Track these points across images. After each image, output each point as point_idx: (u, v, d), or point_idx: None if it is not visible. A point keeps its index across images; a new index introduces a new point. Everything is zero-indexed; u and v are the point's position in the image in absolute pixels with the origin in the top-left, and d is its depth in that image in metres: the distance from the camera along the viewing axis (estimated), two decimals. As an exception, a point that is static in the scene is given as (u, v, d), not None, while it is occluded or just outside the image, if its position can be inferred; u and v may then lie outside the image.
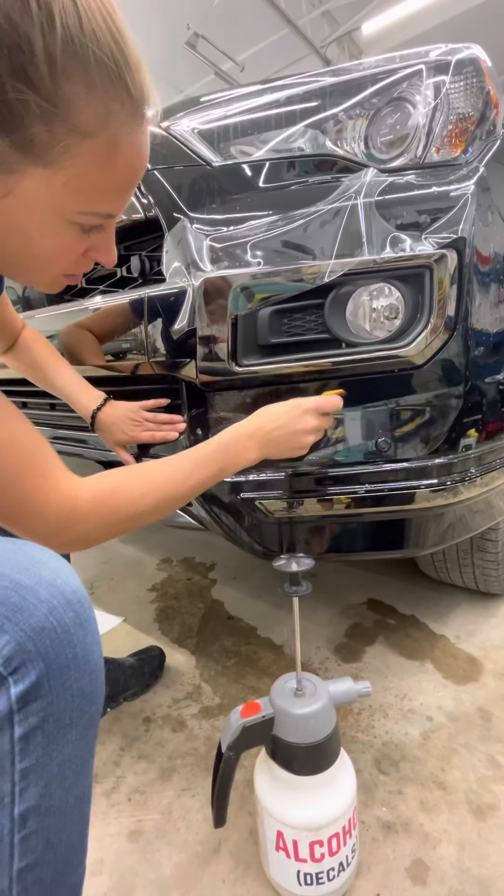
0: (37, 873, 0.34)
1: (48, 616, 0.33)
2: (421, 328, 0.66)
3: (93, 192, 0.38)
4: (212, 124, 0.81)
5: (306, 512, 0.72)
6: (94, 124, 0.35)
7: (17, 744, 0.32)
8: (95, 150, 0.36)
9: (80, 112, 0.34)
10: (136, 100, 0.37)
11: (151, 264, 0.83)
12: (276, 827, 0.58)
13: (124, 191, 0.41)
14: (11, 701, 0.31)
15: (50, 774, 0.33)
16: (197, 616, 1.27)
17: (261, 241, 0.68)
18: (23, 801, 0.33)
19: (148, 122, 0.39)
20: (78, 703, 0.34)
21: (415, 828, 0.70)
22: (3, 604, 0.32)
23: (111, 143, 0.37)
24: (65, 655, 0.33)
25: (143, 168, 0.41)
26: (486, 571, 1.08)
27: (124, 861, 0.69)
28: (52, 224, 0.39)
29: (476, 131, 0.73)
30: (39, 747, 0.33)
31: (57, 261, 0.42)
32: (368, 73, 0.76)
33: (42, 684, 0.32)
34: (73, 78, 0.33)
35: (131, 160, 0.39)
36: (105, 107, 0.35)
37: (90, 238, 0.42)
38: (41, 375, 0.81)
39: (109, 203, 0.40)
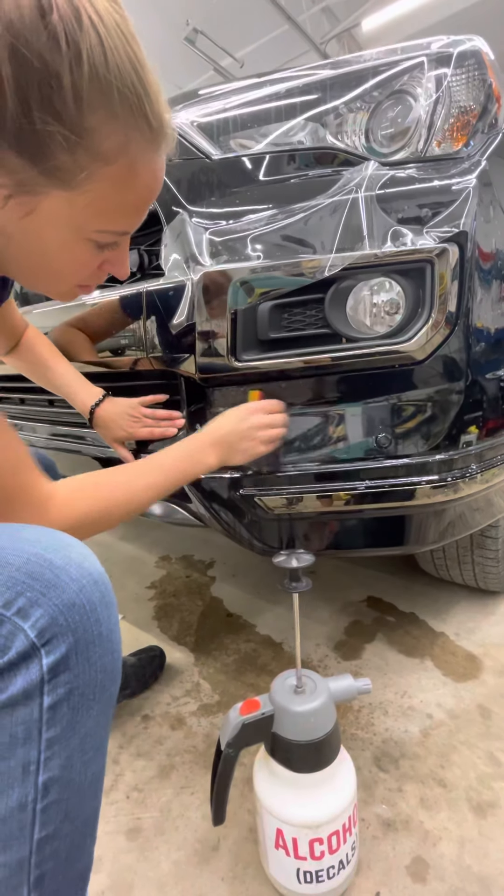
0: (54, 845, 0.36)
1: (78, 594, 0.35)
2: (422, 323, 0.66)
3: (111, 212, 0.41)
4: (211, 117, 0.80)
5: (306, 508, 0.71)
6: (115, 152, 0.37)
7: (46, 713, 0.33)
8: (115, 175, 0.38)
9: (103, 141, 0.36)
10: (155, 128, 0.39)
11: (150, 258, 0.82)
12: (276, 825, 0.58)
13: (140, 210, 0.43)
14: (43, 671, 0.33)
15: (72, 747, 0.35)
16: (196, 613, 1.27)
17: (260, 234, 0.68)
18: (47, 770, 0.34)
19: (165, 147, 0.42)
20: (100, 679, 0.36)
21: (415, 825, 0.70)
22: (38, 580, 0.34)
23: (130, 168, 0.39)
24: (91, 632, 0.35)
25: (159, 189, 0.43)
26: (485, 569, 1.08)
27: (123, 859, 0.69)
28: (71, 241, 0.41)
29: (478, 125, 0.73)
30: (65, 718, 0.34)
31: (73, 275, 0.45)
32: (369, 65, 0.75)
33: (70, 657, 0.34)
34: (97, 110, 0.35)
35: (148, 182, 0.41)
36: (126, 136, 0.37)
37: (104, 253, 0.44)
38: (40, 373, 0.81)
39: (126, 222, 0.43)
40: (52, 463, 0.85)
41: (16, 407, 1.22)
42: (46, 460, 0.85)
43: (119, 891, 0.65)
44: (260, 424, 0.64)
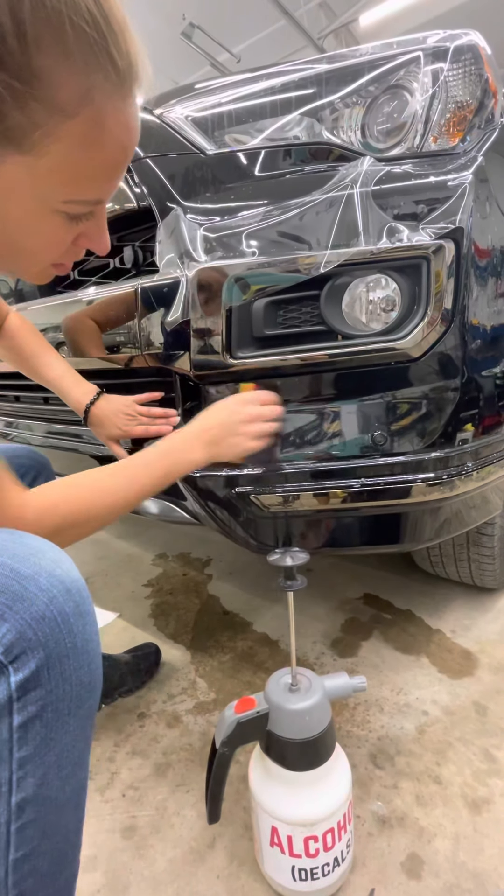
0: (32, 863, 0.34)
1: (48, 605, 0.32)
2: (418, 320, 0.65)
3: (80, 178, 0.35)
4: (206, 112, 0.79)
5: (302, 506, 0.71)
6: (74, 102, 0.31)
7: (16, 732, 0.32)
8: (79, 131, 0.32)
9: (58, 89, 0.30)
10: (122, 69, 0.32)
11: (144, 255, 0.82)
12: (271, 822, 0.58)
13: (113, 173, 0.37)
14: (11, 689, 0.31)
15: (48, 764, 0.33)
16: (192, 611, 1.27)
17: (256, 230, 0.67)
18: (20, 790, 0.32)
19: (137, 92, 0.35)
20: (76, 692, 0.34)
21: (410, 822, 0.70)
22: (4, 592, 0.31)
23: (96, 122, 0.33)
24: (64, 645, 0.33)
25: (134, 146, 0.37)
26: (481, 566, 1.08)
27: (118, 857, 0.69)
28: (37, 215, 0.36)
29: (474, 120, 0.72)
30: (38, 736, 0.32)
31: (45, 252, 0.40)
32: (365, 59, 0.74)
33: (42, 673, 0.32)
34: (46, 49, 0.29)
35: (120, 139, 0.35)
36: (87, 80, 0.31)
37: (79, 226, 0.39)
38: (30, 366, 0.79)
39: (99, 188, 0.37)
40: (46, 461, 0.85)
41: (11, 405, 1.22)
42: (41, 459, 0.84)
43: (114, 889, 0.65)
44: (250, 417, 0.60)
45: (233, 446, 0.60)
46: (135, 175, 0.77)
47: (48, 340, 0.87)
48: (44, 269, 0.42)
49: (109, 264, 0.88)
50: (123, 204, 0.80)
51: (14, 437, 1.21)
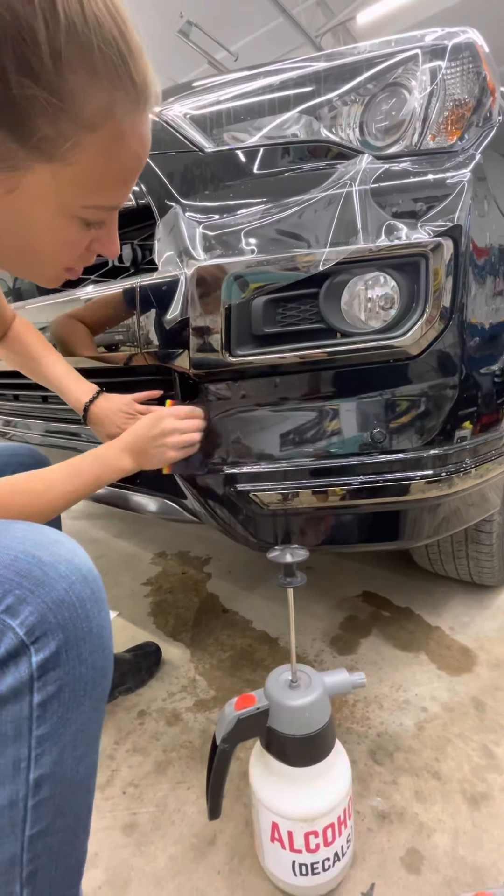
0: (47, 841, 0.36)
1: (67, 591, 0.35)
2: (416, 318, 0.66)
3: (99, 185, 0.38)
4: (204, 110, 0.79)
5: (301, 504, 0.71)
6: (99, 116, 0.34)
7: (36, 710, 0.33)
8: (101, 143, 0.35)
9: (86, 105, 0.33)
10: (140, 87, 0.36)
11: (143, 253, 0.82)
12: (271, 818, 0.58)
13: (128, 180, 0.40)
14: (32, 668, 0.33)
15: (64, 743, 0.35)
16: (192, 610, 1.27)
17: (254, 228, 0.67)
18: (38, 767, 0.34)
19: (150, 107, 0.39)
20: (91, 675, 0.36)
21: (409, 817, 0.71)
22: (27, 577, 0.33)
23: (116, 134, 0.36)
24: (81, 629, 0.35)
25: (146, 156, 0.40)
26: (480, 563, 1.09)
27: (119, 854, 0.69)
28: (57, 220, 0.38)
29: (472, 118, 0.72)
30: (55, 715, 0.34)
31: (61, 256, 0.42)
32: (363, 57, 0.74)
33: (60, 654, 0.34)
34: (77, 70, 0.32)
35: (136, 149, 0.38)
36: (110, 97, 0.34)
37: (92, 231, 0.42)
38: (32, 366, 0.80)
39: (114, 195, 0.40)
40: (46, 460, 0.85)
41: (10, 404, 1.22)
42: (41, 457, 0.84)
43: (115, 886, 0.65)
44: (169, 429, 0.66)
45: (154, 456, 0.66)
46: (133, 173, 0.77)
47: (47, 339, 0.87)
48: (57, 273, 0.45)
49: (108, 263, 0.88)
50: (122, 202, 0.80)
51: (13, 436, 1.21)
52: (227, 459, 0.73)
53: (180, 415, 0.68)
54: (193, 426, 0.69)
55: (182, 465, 0.73)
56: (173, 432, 0.66)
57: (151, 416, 0.67)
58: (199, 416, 0.71)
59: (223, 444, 0.73)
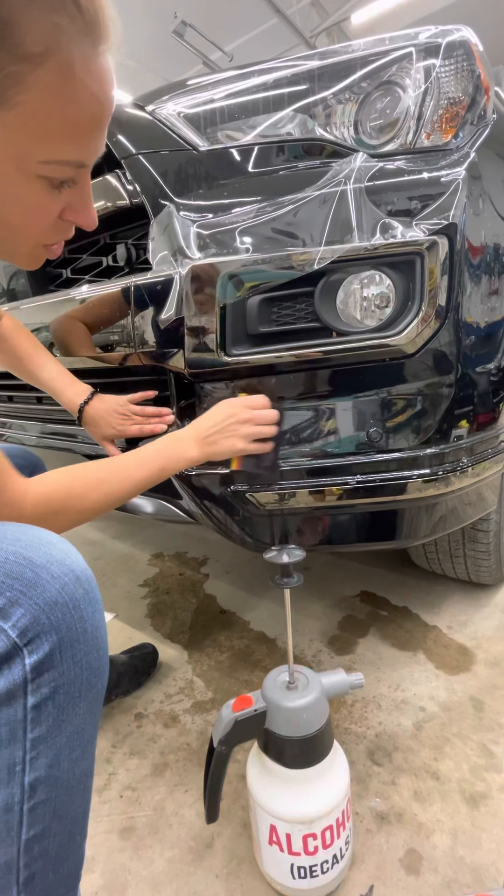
0: (43, 845, 0.35)
1: (60, 592, 0.34)
2: (412, 316, 0.65)
3: (55, 132, 0.34)
4: (198, 108, 0.79)
5: (298, 504, 0.71)
6: (41, 45, 0.30)
7: (30, 713, 0.33)
8: (48, 79, 0.31)
9: (23, 32, 0.30)
10: (88, 13, 0.32)
11: (138, 252, 0.81)
12: (269, 821, 0.58)
13: (91, 130, 0.36)
14: (26, 670, 0.32)
15: (59, 745, 0.35)
16: (189, 611, 1.26)
17: (249, 227, 0.67)
18: (33, 770, 0.34)
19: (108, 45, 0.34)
20: (86, 676, 0.35)
21: (408, 818, 0.70)
22: (19, 579, 0.33)
23: (65, 69, 0.32)
24: (75, 629, 0.34)
25: (109, 101, 0.36)
26: (477, 562, 1.09)
27: (116, 858, 0.69)
28: (17, 180, 0.35)
29: (467, 116, 0.72)
30: (50, 717, 0.34)
31: (31, 226, 0.38)
32: (357, 55, 0.74)
33: (54, 656, 0.33)
34: None
35: (92, 89, 0.34)
36: (51, 22, 0.30)
37: (63, 195, 0.38)
38: (23, 367, 0.79)
39: (77, 146, 0.36)
40: (39, 461, 0.84)
41: (4, 405, 1.21)
42: (34, 459, 0.83)
43: (113, 890, 0.65)
44: (242, 419, 0.62)
45: (224, 446, 0.62)
46: (127, 172, 0.76)
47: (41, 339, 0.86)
48: (34, 250, 0.42)
49: (102, 262, 0.88)
50: (116, 201, 0.79)
51: (8, 437, 1.20)
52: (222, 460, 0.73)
53: (255, 405, 0.64)
54: (268, 418, 0.64)
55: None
56: (247, 422, 0.62)
57: (224, 403, 0.63)
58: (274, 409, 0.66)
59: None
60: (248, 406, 0.64)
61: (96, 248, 0.90)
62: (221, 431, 0.61)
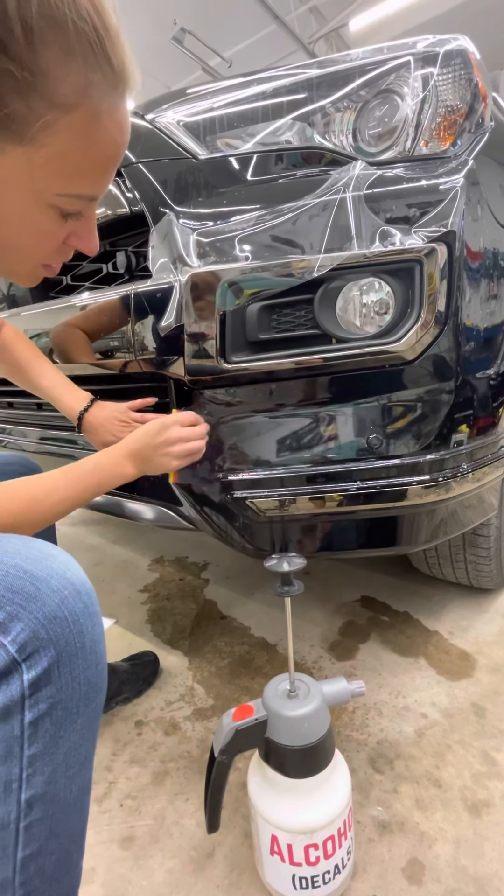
0: (39, 863, 0.35)
1: (60, 606, 0.34)
2: (411, 323, 0.66)
3: (75, 171, 0.37)
4: (197, 117, 0.79)
5: (298, 510, 0.71)
6: (74, 96, 0.33)
7: (27, 729, 0.33)
8: (76, 126, 0.34)
9: (60, 83, 0.32)
10: (117, 69, 0.35)
11: (138, 260, 0.82)
12: (271, 831, 0.57)
13: (106, 170, 0.39)
14: (24, 686, 0.32)
15: (56, 762, 0.34)
16: (189, 617, 1.26)
17: (248, 235, 0.67)
18: (30, 787, 0.33)
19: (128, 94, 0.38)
20: (84, 691, 0.35)
21: (410, 827, 0.70)
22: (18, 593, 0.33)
23: (92, 117, 0.35)
24: (74, 644, 0.34)
25: (125, 146, 0.39)
26: (478, 567, 1.08)
27: (116, 869, 0.68)
28: (31, 208, 0.37)
29: (465, 124, 0.73)
30: (47, 734, 0.33)
31: (37, 250, 0.41)
32: (355, 64, 0.74)
33: (52, 671, 0.33)
34: (50, 45, 0.31)
35: (114, 135, 0.37)
36: (85, 77, 0.33)
37: (69, 224, 0.40)
38: (23, 376, 0.79)
39: (92, 184, 0.39)
40: (37, 468, 0.84)
41: (4, 411, 1.21)
42: (32, 466, 0.83)
43: (113, 901, 0.64)
44: (172, 439, 0.63)
45: (159, 465, 0.64)
46: (127, 180, 0.76)
47: (41, 346, 0.86)
48: (34, 270, 0.43)
49: (102, 269, 0.88)
50: (116, 209, 0.80)
51: (8, 444, 1.20)
52: (222, 466, 0.73)
53: (185, 422, 0.66)
54: (198, 433, 0.67)
55: (189, 474, 0.71)
56: (178, 441, 0.64)
57: (156, 423, 0.64)
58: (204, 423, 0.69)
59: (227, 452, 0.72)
60: (178, 423, 0.65)
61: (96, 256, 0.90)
62: (153, 450, 0.63)
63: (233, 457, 0.72)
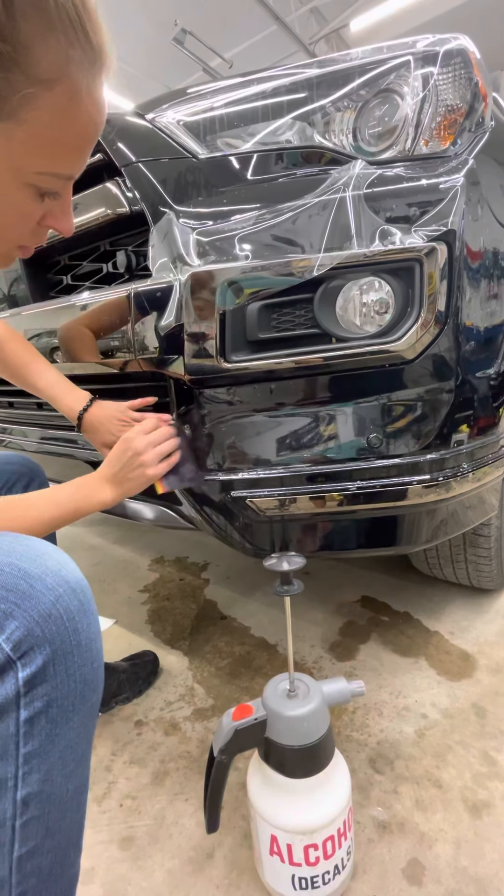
0: (36, 862, 0.35)
1: (55, 603, 0.34)
2: (411, 322, 0.65)
3: (53, 149, 0.36)
4: (198, 116, 0.79)
5: (298, 510, 0.71)
6: (54, 72, 0.33)
7: (23, 727, 0.33)
8: (55, 102, 0.34)
9: (41, 58, 0.32)
10: (96, 46, 0.35)
11: (137, 259, 0.82)
12: (270, 831, 0.57)
13: (84, 148, 0.39)
14: (19, 684, 0.32)
15: (52, 760, 0.34)
16: (189, 617, 1.26)
17: (248, 234, 0.67)
18: (25, 785, 0.33)
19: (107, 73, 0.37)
20: (80, 689, 0.35)
21: (410, 827, 0.70)
22: (13, 591, 0.33)
23: (71, 94, 0.35)
24: (69, 642, 0.34)
25: (102, 124, 0.39)
26: (479, 567, 1.08)
27: (116, 869, 0.68)
28: (10, 187, 0.37)
29: (465, 123, 0.73)
30: (43, 732, 0.33)
31: (13, 230, 0.40)
32: (355, 64, 0.74)
33: (48, 669, 0.33)
34: (31, 18, 0.31)
35: (91, 113, 0.37)
36: (65, 53, 0.33)
37: (45, 203, 0.40)
38: (20, 375, 0.79)
39: (70, 162, 0.38)
40: (38, 468, 0.84)
41: (5, 411, 1.21)
42: (33, 466, 0.83)
43: (112, 901, 0.64)
44: (140, 448, 0.62)
45: (136, 479, 0.62)
46: (127, 179, 0.76)
47: (41, 346, 0.86)
48: (9, 251, 0.43)
49: (103, 269, 0.88)
50: (116, 209, 0.80)
51: (8, 444, 1.20)
52: (222, 466, 0.73)
53: (147, 429, 0.65)
54: (164, 435, 0.66)
55: (175, 480, 0.69)
56: (146, 449, 0.63)
57: (120, 442, 0.64)
58: (167, 422, 0.68)
59: (214, 449, 0.72)
60: (141, 433, 0.64)
61: (96, 255, 0.90)
62: (125, 468, 0.62)
63: (233, 456, 0.72)
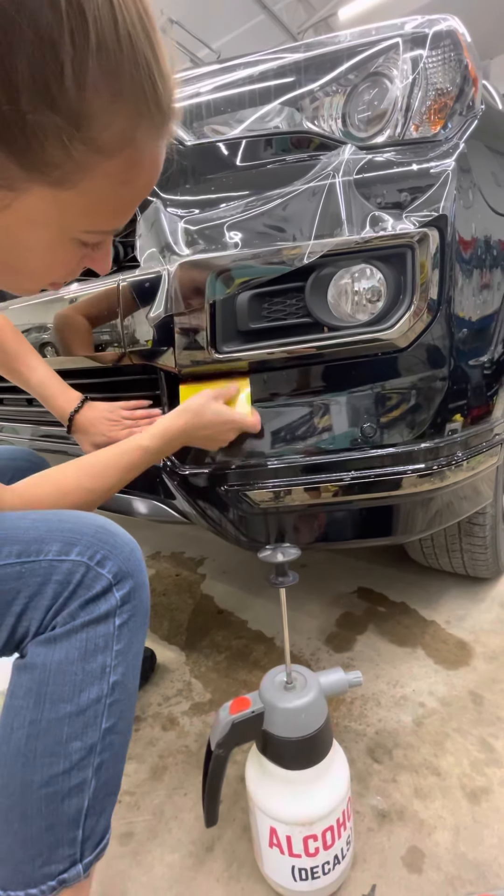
0: (111, 738, 0.44)
1: (132, 553, 0.47)
2: (404, 310, 0.65)
3: (105, 211, 0.35)
4: (184, 102, 0.77)
5: (293, 501, 0.70)
6: (118, 143, 0.31)
7: (117, 630, 0.45)
8: (116, 170, 0.32)
9: (104, 131, 0.30)
10: (165, 112, 0.33)
11: (125, 250, 0.80)
12: (269, 823, 0.57)
13: (135, 206, 0.37)
14: (117, 599, 0.45)
15: (129, 660, 0.46)
16: (186, 612, 1.25)
17: (237, 222, 0.66)
18: (114, 673, 0.44)
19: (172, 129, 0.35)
20: (144, 611, 0.48)
21: (409, 815, 0.70)
22: (106, 543, 0.46)
23: (134, 162, 0.33)
24: (141, 578, 0.47)
25: (157, 179, 0.37)
26: (474, 556, 1.08)
27: (115, 865, 0.68)
28: (52, 242, 0.36)
29: (455, 107, 0.72)
30: (126, 636, 0.45)
31: (50, 274, 0.40)
32: (343, 46, 0.73)
33: (132, 592, 0.46)
34: (101, 94, 0.28)
35: (150, 176, 0.35)
36: (133, 123, 0.31)
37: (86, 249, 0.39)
38: (11, 366, 0.78)
39: (118, 220, 0.37)
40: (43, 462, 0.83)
41: (-5, 408, 1.19)
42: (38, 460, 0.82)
43: (112, 897, 0.64)
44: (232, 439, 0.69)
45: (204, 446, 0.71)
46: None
47: (31, 340, 0.85)
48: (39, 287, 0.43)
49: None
50: (102, 198, 0.78)
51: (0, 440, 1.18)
52: (215, 458, 0.72)
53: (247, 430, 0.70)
54: None
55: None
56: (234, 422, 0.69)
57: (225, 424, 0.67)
58: None
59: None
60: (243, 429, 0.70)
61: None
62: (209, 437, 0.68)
63: (226, 448, 0.71)
